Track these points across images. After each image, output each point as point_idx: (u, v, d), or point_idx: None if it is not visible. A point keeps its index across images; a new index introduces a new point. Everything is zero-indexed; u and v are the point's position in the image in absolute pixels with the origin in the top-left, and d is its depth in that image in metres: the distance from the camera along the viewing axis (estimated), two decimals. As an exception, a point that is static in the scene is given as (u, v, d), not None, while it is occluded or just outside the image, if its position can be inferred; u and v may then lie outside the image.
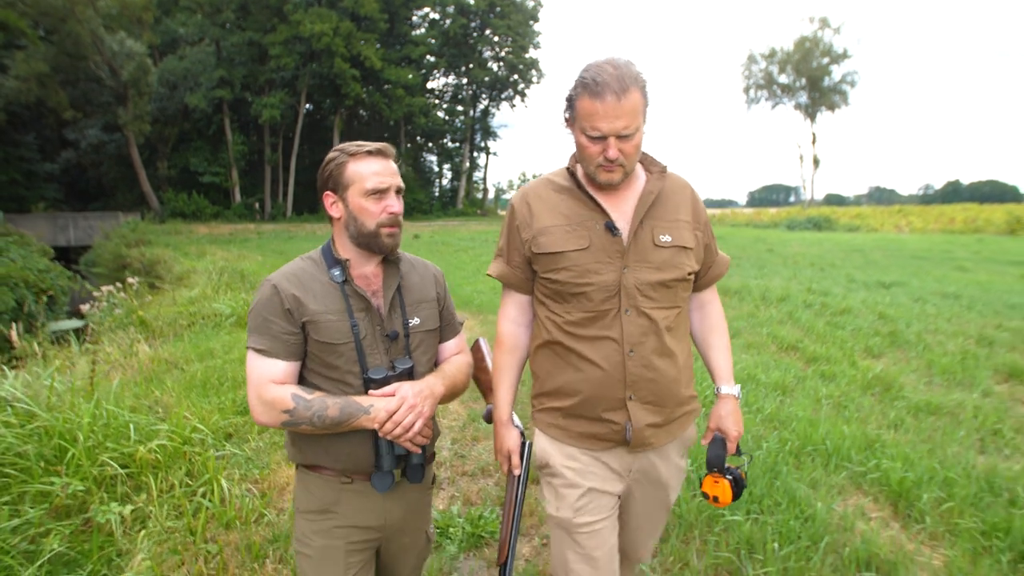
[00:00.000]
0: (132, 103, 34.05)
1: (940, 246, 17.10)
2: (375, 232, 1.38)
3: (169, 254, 18.51)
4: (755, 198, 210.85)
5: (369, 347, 1.41)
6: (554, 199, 1.51)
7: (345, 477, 1.43)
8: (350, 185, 1.38)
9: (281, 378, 1.37)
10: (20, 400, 3.22)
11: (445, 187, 51.44)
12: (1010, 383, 4.69)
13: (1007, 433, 3.61)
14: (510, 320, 1.62)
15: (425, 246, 19.78)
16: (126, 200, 37.88)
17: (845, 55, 49.82)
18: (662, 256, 1.45)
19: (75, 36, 31.88)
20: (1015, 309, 7.51)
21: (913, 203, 60.54)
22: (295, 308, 1.37)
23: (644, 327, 1.43)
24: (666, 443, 1.53)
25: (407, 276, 1.51)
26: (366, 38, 37.85)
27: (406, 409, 1.33)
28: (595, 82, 1.30)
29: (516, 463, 1.58)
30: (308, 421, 1.32)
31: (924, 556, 2.43)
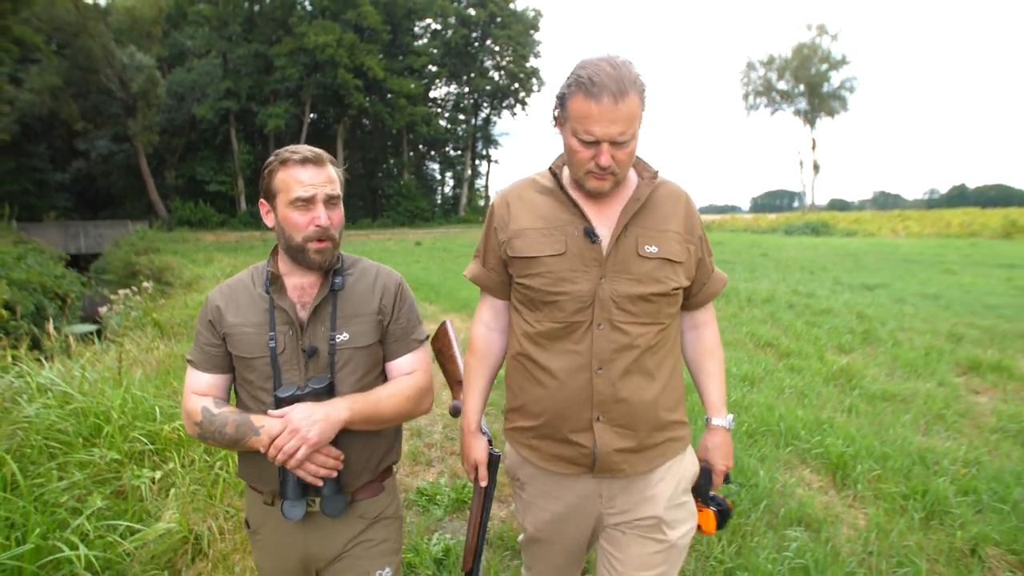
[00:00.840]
0: (141, 114, 34.74)
1: (932, 250, 17.39)
2: (301, 246, 1.31)
3: (177, 261, 18.94)
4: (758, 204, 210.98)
5: (287, 363, 1.34)
6: (535, 200, 1.43)
7: (268, 497, 1.39)
8: (278, 193, 1.32)
9: (203, 390, 1.36)
10: (58, 385, 3.61)
11: (447, 195, 51.98)
12: (967, 375, 5.03)
13: (950, 417, 3.95)
14: (483, 324, 1.56)
15: (427, 253, 20.19)
16: (134, 209, 38.47)
17: (844, 61, 50.12)
18: (645, 268, 1.34)
19: (87, 50, 32.60)
20: (990, 308, 7.83)
21: (918, 208, 60.68)
22: (216, 319, 1.36)
23: (618, 343, 1.34)
24: (647, 471, 1.40)
25: (351, 287, 1.41)
26: (369, 49, 38.47)
27: (287, 434, 1.23)
28: (591, 81, 1.20)
29: (483, 475, 1.53)
30: (212, 436, 1.30)
31: (850, 515, 2.78)
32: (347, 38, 36.80)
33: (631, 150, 1.28)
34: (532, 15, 46.67)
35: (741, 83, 54.91)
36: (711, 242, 1.60)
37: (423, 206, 44.25)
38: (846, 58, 50.35)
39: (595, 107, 1.20)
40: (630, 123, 1.23)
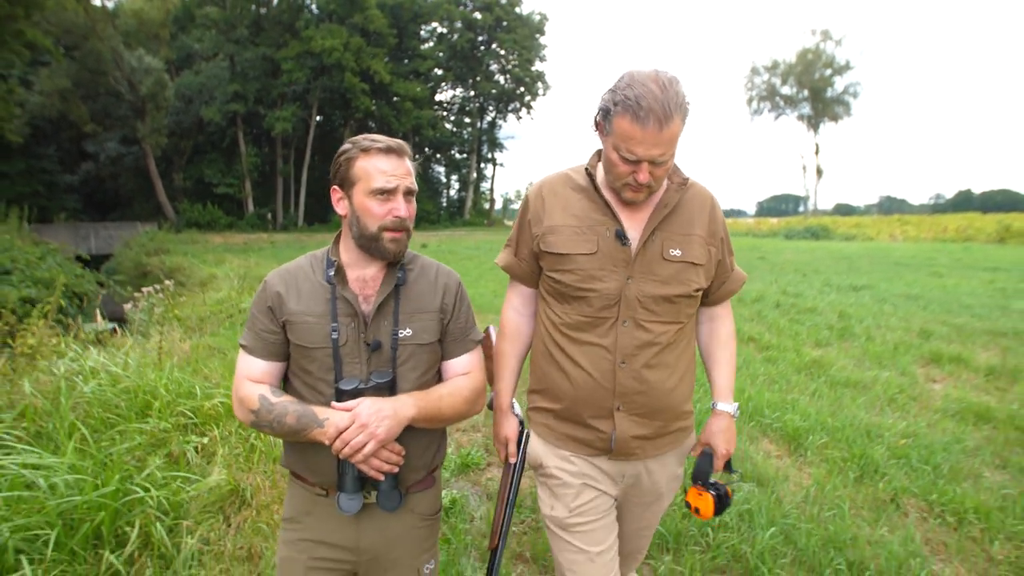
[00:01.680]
0: (150, 117, 35.31)
1: (925, 254, 17.80)
2: (376, 235, 1.31)
3: (188, 262, 19.44)
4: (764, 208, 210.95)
5: (349, 355, 1.33)
6: (569, 197, 1.48)
7: (321, 489, 1.38)
8: (356, 182, 1.31)
9: (258, 376, 1.34)
10: (108, 368, 4.09)
11: (452, 197, 52.55)
12: (928, 366, 5.47)
13: (902, 400, 4.39)
14: (513, 309, 1.63)
15: (432, 254, 20.63)
16: (143, 210, 39.00)
17: (847, 66, 50.66)
18: (669, 270, 1.42)
19: (96, 53, 33.16)
20: (965, 308, 8.25)
21: (924, 213, 60.89)
22: (276, 306, 1.34)
23: (640, 340, 1.42)
24: (654, 455, 1.52)
25: (412, 283, 1.41)
26: (375, 53, 39.01)
27: (356, 428, 1.23)
28: (639, 105, 1.24)
29: (513, 451, 1.59)
30: (269, 425, 1.28)
31: (797, 476, 3.23)
32: (354, 42, 37.34)
33: (668, 167, 1.36)
34: (538, 19, 47.24)
35: (745, 88, 55.52)
36: None
37: (429, 209, 44.80)
38: (850, 63, 50.89)
39: (639, 131, 1.26)
40: (671, 145, 1.29)
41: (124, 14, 36.38)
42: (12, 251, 11.87)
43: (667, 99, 1.24)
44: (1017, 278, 11.63)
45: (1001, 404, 4.29)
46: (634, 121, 1.25)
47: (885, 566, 2.34)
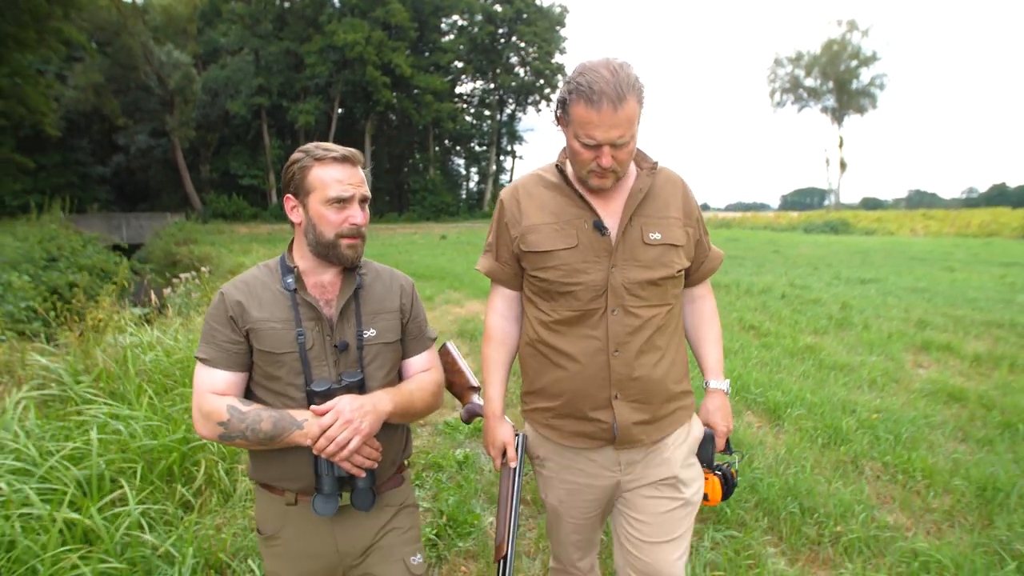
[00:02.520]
0: (179, 110, 36.27)
1: (944, 248, 17.85)
2: (334, 242, 1.33)
3: (216, 251, 20.11)
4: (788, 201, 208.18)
5: (316, 358, 1.35)
6: (544, 196, 1.51)
7: (291, 497, 1.38)
8: (312, 191, 1.32)
9: (222, 389, 1.33)
10: (164, 342, 4.60)
11: (472, 190, 53.02)
12: (918, 353, 5.78)
13: (883, 382, 4.73)
14: (498, 314, 1.64)
15: (452, 246, 21.12)
16: (171, 201, 40.08)
17: (874, 58, 49.96)
18: (651, 254, 1.44)
19: (127, 48, 34.11)
20: (969, 301, 8.49)
21: (955, 207, 60.01)
22: (238, 315, 1.34)
23: (631, 326, 1.44)
24: (659, 438, 1.51)
25: (369, 285, 1.45)
26: (396, 46, 39.51)
27: (340, 425, 1.25)
28: (591, 89, 1.28)
29: (512, 456, 1.59)
30: (242, 434, 1.27)
31: (773, 443, 3.62)
32: (375, 36, 37.88)
33: (630, 149, 1.37)
34: (558, 11, 47.29)
35: (768, 80, 55.04)
36: (729, 238, 2.07)
37: (448, 201, 45.34)
38: (876, 55, 50.17)
39: (595, 114, 1.29)
40: (629, 126, 1.31)
41: (153, 10, 37.26)
42: (58, 240, 12.58)
43: (618, 81, 1.28)
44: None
45: (977, 387, 4.62)
46: (588, 105, 1.29)
47: (833, 511, 2.73)
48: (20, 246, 11.78)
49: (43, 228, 14.02)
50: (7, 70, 21.05)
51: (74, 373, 3.91)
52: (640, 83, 1.32)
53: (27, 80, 22.77)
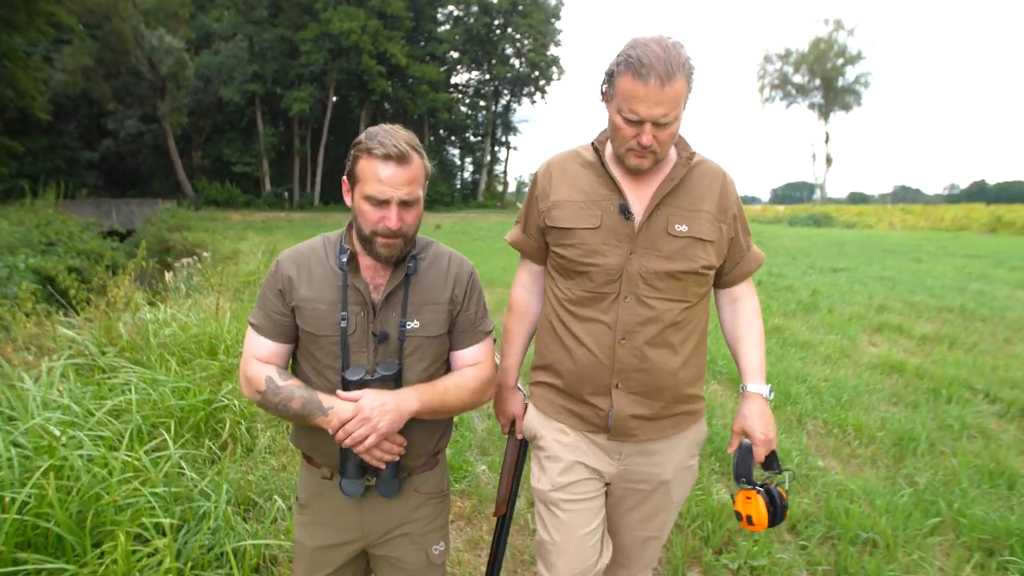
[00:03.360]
0: (170, 96, 36.12)
1: (915, 241, 18.48)
2: (369, 238, 1.30)
3: (210, 238, 20.32)
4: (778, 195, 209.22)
5: (356, 344, 1.33)
6: (577, 173, 1.48)
7: (327, 471, 1.41)
8: (357, 182, 1.30)
9: (266, 356, 1.35)
10: (177, 319, 4.99)
11: (466, 180, 53.31)
12: (873, 334, 6.27)
13: (835, 357, 5.22)
14: (522, 286, 1.64)
15: (446, 236, 21.46)
16: (162, 188, 39.96)
17: (859, 56, 50.70)
18: (674, 246, 1.39)
19: (118, 32, 33.86)
20: (927, 288, 9.02)
21: (938, 203, 61.03)
22: (287, 289, 1.35)
23: (642, 316, 1.40)
24: (656, 437, 1.48)
25: (423, 273, 1.40)
26: (392, 36, 39.57)
27: (358, 421, 1.25)
28: (640, 62, 1.24)
29: (520, 427, 1.61)
30: (275, 407, 1.30)
31: (731, 405, 4.09)
32: (371, 24, 37.91)
33: (673, 131, 1.32)
34: (554, 4, 47.45)
35: (757, 76, 55.59)
36: None
37: (443, 191, 45.61)
38: (862, 53, 50.89)
39: (642, 88, 1.25)
40: (675, 105, 1.27)
41: (144, -7, 37.01)
42: (55, 225, 12.84)
43: (669, 58, 1.24)
44: (989, 264, 12.37)
45: (917, 361, 5.12)
46: (636, 78, 1.25)
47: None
48: (17, 231, 12.05)
49: (38, 213, 14.26)
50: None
51: (99, 344, 4.30)
52: (691, 65, 1.28)
53: (16, 63, 22.77)
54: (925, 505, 2.69)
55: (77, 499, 2.15)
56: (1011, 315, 7.19)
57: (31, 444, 2.41)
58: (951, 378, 4.56)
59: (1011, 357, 5.35)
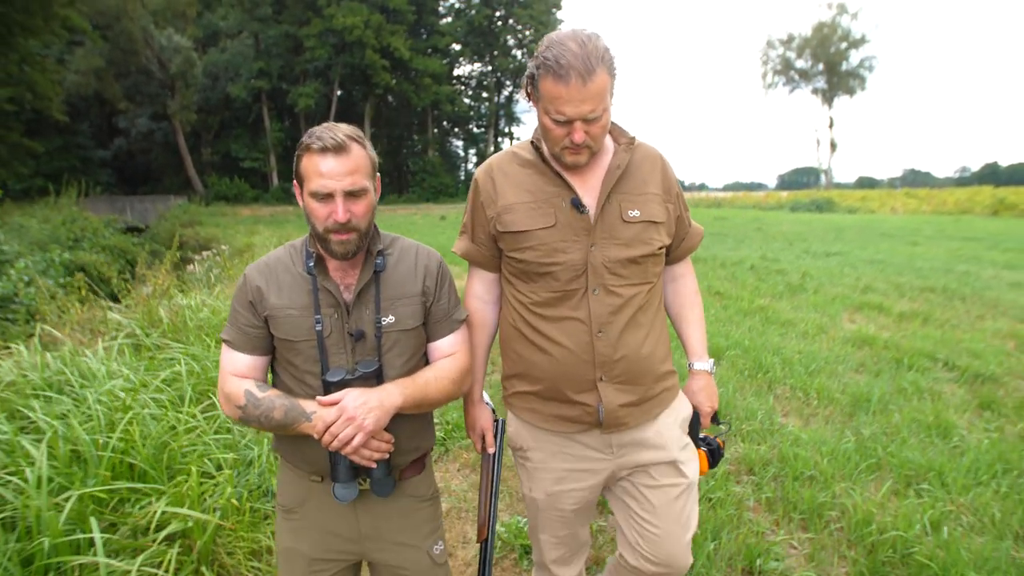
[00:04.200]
0: (180, 94, 36.78)
1: (914, 225, 18.73)
2: (323, 236, 1.28)
3: (222, 233, 20.81)
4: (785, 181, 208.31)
5: (334, 346, 1.33)
6: (519, 174, 1.47)
7: (315, 475, 1.39)
8: (303, 181, 1.29)
9: (243, 371, 1.34)
10: (208, 305, 5.48)
11: (470, 171, 53.65)
12: (853, 312, 6.67)
13: (812, 333, 5.64)
14: (476, 298, 1.60)
15: (451, 226, 21.87)
16: (172, 184, 40.66)
17: (863, 40, 50.56)
18: (631, 232, 1.41)
19: (128, 32, 34.48)
20: (915, 271, 9.37)
21: (949, 186, 60.84)
22: (257, 300, 1.33)
23: (613, 306, 1.41)
24: (645, 421, 1.49)
25: (392, 268, 1.40)
26: (395, 30, 39.98)
27: (343, 421, 1.23)
28: (558, 63, 1.24)
29: (491, 441, 1.60)
30: (257, 420, 1.29)
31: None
32: (374, 19, 38.34)
33: (604, 123, 1.32)
34: (554, -7, 47.69)
35: (760, 61, 55.52)
36: (717, 217, 2.84)
37: (447, 182, 46.09)
38: (865, 37, 50.75)
39: (564, 89, 1.24)
40: (600, 100, 1.27)
41: (152, -7, 37.55)
42: (80, 222, 13.40)
43: (587, 54, 1.24)
44: (984, 246, 12.68)
45: (887, 335, 5.53)
46: (556, 80, 1.25)
47: (742, 415, 3.64)
48: (45, 228, 12.61)
49: (62, 211, 14.83)
50: (16, 57, 21.67)
51: (143, 327, 4.79)
52: (610, 54, 1.29)
53: (34, 66, 23.37)
54: (865, 450, 3.12)
55: (151, 444, 2.62)
56: (990, 294, 7.56)
57: (108, 404, 2.89)
58: (916, 349, 4.97)
59: (979, 331, 5.74)
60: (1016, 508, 2.57)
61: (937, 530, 2.43)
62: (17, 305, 6.59)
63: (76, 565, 1.94)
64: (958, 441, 3.24)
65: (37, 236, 11.58)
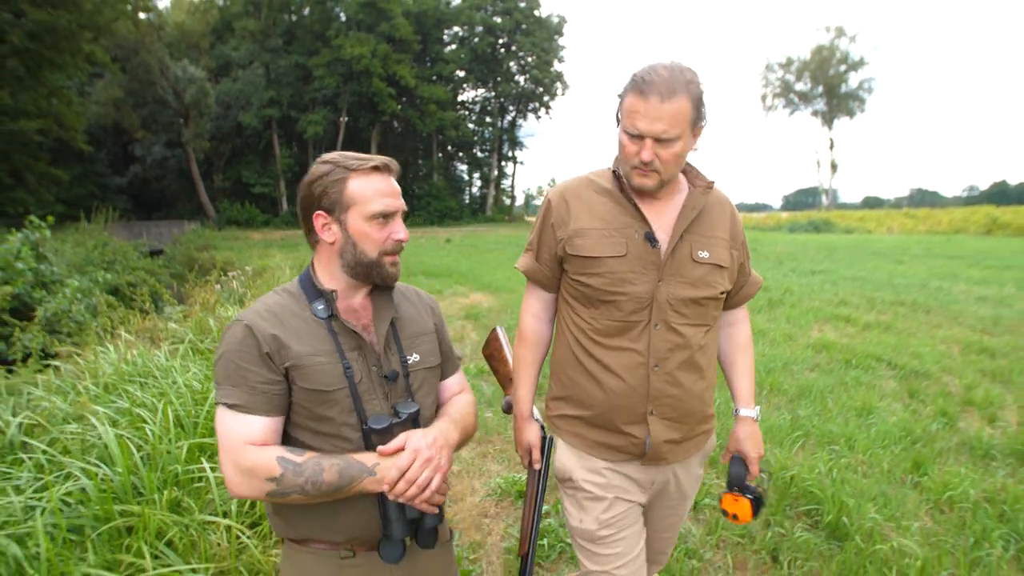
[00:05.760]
0: (194, 123, 38.09)
1: (905, 244, 19.47)
2: (377, 261, 1.22)
3: (235, 256, 21.61)
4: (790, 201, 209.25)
5: (366, 392, 1.21)
6: (594, 200, 1.48)
7: (346, 550, 1.23)
8: (351, 206, 1.19)
9: (262, 438, 1.14)
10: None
11: (475, 194, 54.68)
12: (823, 323, 7.38)
13: (779, 340, 6.35)
14: (532, 315, 1.63)
15: (456, 249, 22.69)
16: (185, 209, 41.74)
17: (861, 63, 51.73)
18: (698, 273, 1.43)
19: (146, 64, 35.89)
20: (892, 287, 10.09)
21: (957, 205, 61.58)
22: (275, 351, 1.16)
23: (672, 343, 1.43)
24: (682, 459, 1.55)
25: (401, 307, 1.34)
26: (401, 58, 41.31)
27: (421, 464, 1.13)
28: (644, 80, 1.29)
29: (537, 457, 1.62)
30: (300, 489, 1.10)
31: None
32: (381, 49, 39.67)
33: (676, 151, 1.34)
34: (556, 21, 48.82)
35: (760, 84, 56.78)
36: None
37: (452, 206, 47.07)
38: (864, 59, 51.90)
39: (642, 104, 1.29)
40: (675, 123, 1.30)
41: (168, 27, 39.10)
42: (111, 246, 14.29)
43: (673, 77, 1.28)
44: (965, 264, 13.43)
45: (847, 342, 6.24)
46: (637, 95, 1.30)
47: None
48: (79, 251, 13.49)
49: (94, 236, 15.75)
50: (45, 91, 22.84)
51: (196, 333, 5.55)
52: (698, 88, 1.32)
53: (61, 99, 24.56)
54: (797, 425, 3.84)
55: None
56: (956, 307, 8.27)
57: (189, 388, 3.63)
58: (866, 352, 5.68)
59: (932, 338, 6.45)
60: (902, 462, 3.28)
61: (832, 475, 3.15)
62: (71, 320, 7.39)
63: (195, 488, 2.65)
64: (874, 419, 3.95)
65: (74, 259, 12.44)
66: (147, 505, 2.37)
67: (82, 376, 3.95)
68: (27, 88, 22.22)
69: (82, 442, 2.87)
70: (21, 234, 9.04)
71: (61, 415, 3.29)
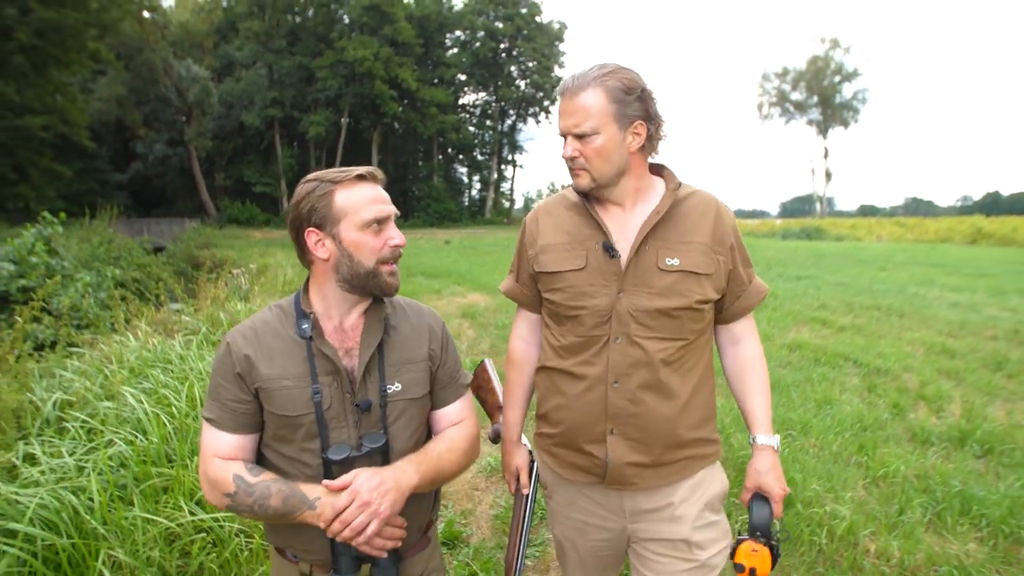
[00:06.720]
0: (196, 121, 38.42)
1: (891, 252, 19.91)
2: (374, 271, 1.19)
3: (236, 254, 21.90)
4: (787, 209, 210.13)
5: (334, 419, 1.19)
6: (563, 216, 1.46)
7: (304, 567, 1.25)
8: (342, 218, 1.17)
9: (229, 453, 1.18)
10: (255, 311, 6.62)
11: (474, 197, 55.14)
12: (801, 325, 7.76)
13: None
14: (519, 337, 1.61)
15: (455, 250, 23.02)
16: (186, 207, 42.03)
17: (856, 73, 52.46)
18: (665, 281, 1.33)
19: (149, 63, 36.26)
20: (871, 292, 10.48)
21: (951, 214, 62.20)
22: (246, 372, 1.17)
23: (633, 358, 1.34)
24: (657, 485, 1.41)
25: (396, 329, 1.29)
26: (403, 61, 41.76)
27: (357, 507, 1.09)
28: (563, 83, 1.32)
29: (525, 482, 1.58)
30: (249, 509, 1.13)
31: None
32: (383, 52, 40.12)
33: (598, 147, 1.30)
34: (557, 27, 49.41)
35: (757, 93, 57.43)
36: None
37: (451, 208, 47.49)
38: (858, 71, 52.61)
39: (560, 103, 1.33)
40: (586, 115, 1.27)
41: (172, 26, 39.46)
42: (116, 242, 14.63)
43: (586, 73, 1.29)
44: (945, 271, 13.83)
45: (819, 342, 6.62)
46: (559, 97, 1.34)
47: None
48: (85, 247, 13.82)
49: (100, 233, 16.08)
50: (50, 87, 23.19)
51: (207, 325, 5.91)
52: (618, 82, 1.28)
53: (66, 96, 24.90)
54: (761, 414, 4.21)
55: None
56: (928, 312, 8.65)
57: (206, 377, 3.99)
58: (835, 351, 6.07)
59: (900, 340, 6.84)
60: (851, 446, 3.66)
61: (783, 455, 3.52)
62: (83, 313, 7.74)
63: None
64: (832, 410, 4.34)
65: (80, 255, 12.78)
66: (181, 468, 2.74)
67: (108, 361, 4.30)
68: (32, 84, 22.61)
69: (116, 416, 3.23)
70: (35, 229, 9.38)
71: (92, 394, 3.65)
